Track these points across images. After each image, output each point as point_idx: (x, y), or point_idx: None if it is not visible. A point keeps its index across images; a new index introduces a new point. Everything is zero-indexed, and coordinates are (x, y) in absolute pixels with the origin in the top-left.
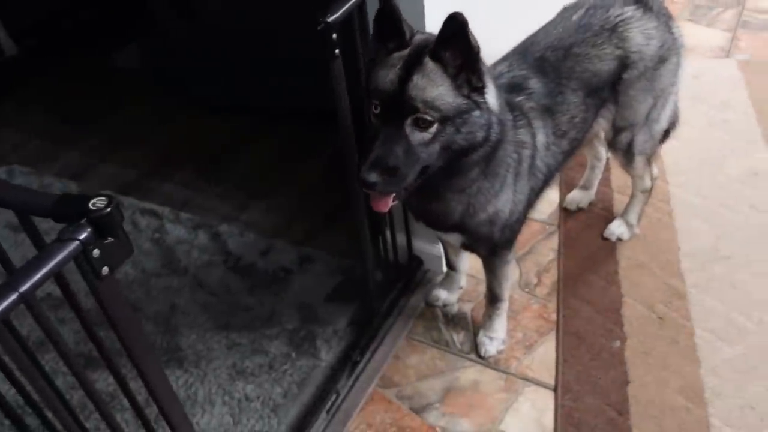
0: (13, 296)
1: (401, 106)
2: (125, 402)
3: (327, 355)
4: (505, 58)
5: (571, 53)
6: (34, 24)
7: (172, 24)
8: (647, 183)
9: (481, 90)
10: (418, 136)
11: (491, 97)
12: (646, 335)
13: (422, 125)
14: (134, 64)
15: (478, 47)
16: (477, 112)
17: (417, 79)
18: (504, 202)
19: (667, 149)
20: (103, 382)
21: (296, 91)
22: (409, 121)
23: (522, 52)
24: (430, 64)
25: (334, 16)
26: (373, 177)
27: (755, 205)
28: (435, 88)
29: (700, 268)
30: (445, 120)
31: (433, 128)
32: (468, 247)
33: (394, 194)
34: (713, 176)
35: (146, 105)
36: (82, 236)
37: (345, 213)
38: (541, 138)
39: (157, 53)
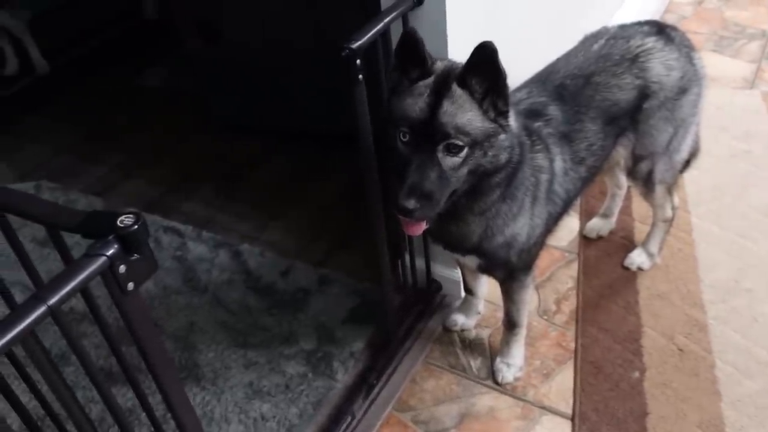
0: (42, 308)
1: (433, 133)
2: (142, 417)
3: (343, 377)
4: (524, 85)
5: (591, 82)
6: (65, 43)
7: (197, 47)
8: (668, 212)
9: (505, 114)
10: (449, 161)
11: (512, 120)
12: (665, 367)
13: (453, 150)
14: (160, 83)
15: (506, 73)
16: (503, 135)
17: (447, 106)
18: (521, 225)
19: (689, 179)
20: (122, 397)
21: (315, 114)
22: (441, 147)
23: (542, 79)
24: (458, 90)
25: (359, 43)
26: (411, 204)
27: None
28: (465, 113)
29: (721, 300)
30: (474, 144)
31: (463, 153)
32: (485, 270)
33: (426, 219)
34: (735, 207)
35: (170, 123)
36: (110, 252)
37: (363, 235)
38: (558, 163)
39: (182, 74)
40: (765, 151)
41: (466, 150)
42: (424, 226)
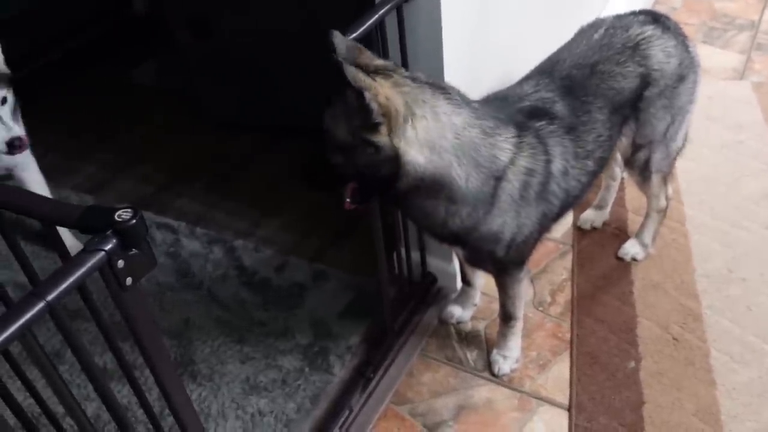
0: (41, 305)
1: None
2: (138, 414)
3: (340, 371)
4: (531, 77)
5: (597, 71)
6: (50, 40)
7: (188, 42)
8: (662, 202)
9: (373, 128)
10: (330, 156)
11: (415, 153)
12: (661, 356)
13: (330, 147)
14: (151, 80)
15: (360, 88)
16: (370, 149)
17: (328, 111)
18: (500, 223)
19: (681, 169)
20: (117, 394)
21: (309, 108)
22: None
23: (548, 71)
24: (338, 102)
25: (354, 35)
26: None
27: None
28: (333, 121)
29: (716, 289)
30: (341, 148)
31: (337, 153)
32: (473, 262)
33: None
34: (727, 197)
35: (162, 121)
36: (108, 247)
37: (356, 229)
38: (557, 165)
39: (173, 70)
40: (756, 142)
41: (337, 151)
42: (347, 200)
